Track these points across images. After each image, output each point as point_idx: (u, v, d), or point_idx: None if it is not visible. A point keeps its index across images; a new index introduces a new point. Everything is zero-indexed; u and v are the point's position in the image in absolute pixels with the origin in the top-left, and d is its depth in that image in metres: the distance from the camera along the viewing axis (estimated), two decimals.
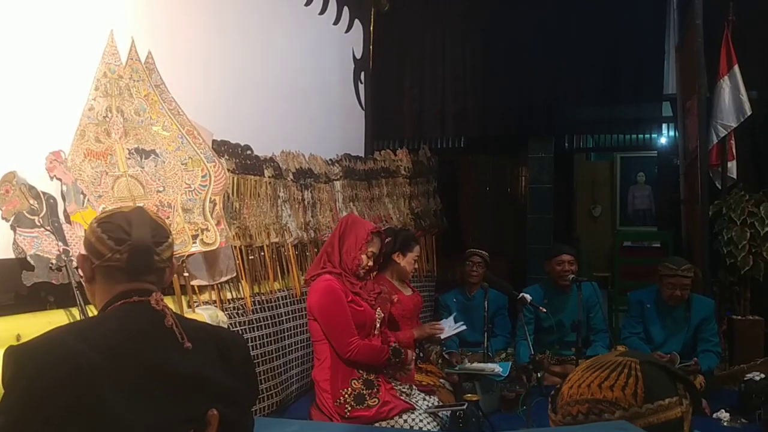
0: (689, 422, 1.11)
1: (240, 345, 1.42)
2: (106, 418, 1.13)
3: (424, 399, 3.04)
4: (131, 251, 1.33)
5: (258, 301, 3.22)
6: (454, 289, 4.52)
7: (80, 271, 1.44)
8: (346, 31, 4.89)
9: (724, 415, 3.25)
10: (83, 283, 1.46)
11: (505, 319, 4.30)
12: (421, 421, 2.87)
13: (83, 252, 1.39)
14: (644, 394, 1.07)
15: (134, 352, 1.20)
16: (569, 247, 4.17)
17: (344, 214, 4.10)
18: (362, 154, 4.86)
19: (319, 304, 2.90)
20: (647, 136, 5.73)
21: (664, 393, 1.08)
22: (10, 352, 1.16)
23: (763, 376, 3.35)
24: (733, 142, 4.43)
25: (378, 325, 3.07)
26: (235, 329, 2.94)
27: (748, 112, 4.33)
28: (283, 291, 3.46)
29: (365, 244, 2.98)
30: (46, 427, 1.10)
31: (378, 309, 3.06)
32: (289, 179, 3.62)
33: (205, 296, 2.89)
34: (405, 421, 2.85)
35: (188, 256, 2.65)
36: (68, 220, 2.31)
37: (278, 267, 3.45)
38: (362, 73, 5.11)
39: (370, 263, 3.05)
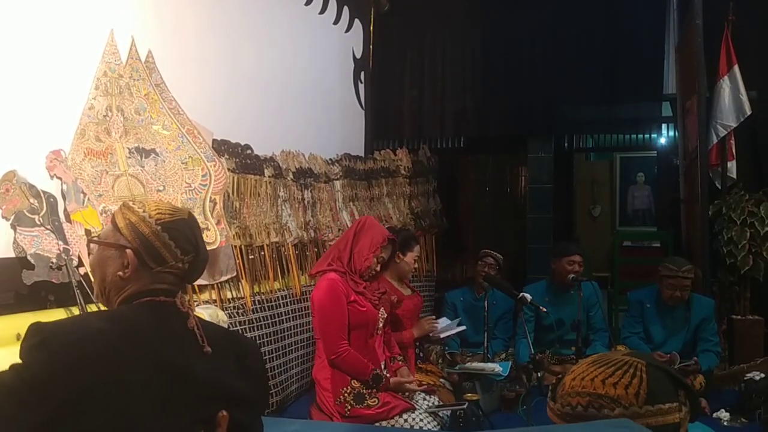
0: (686, 429, 1.12)
1: (256, 352, 1.44)
2: (121, 408, 1.11)
3: (425, 399, 3.04)
4: (194, 263, 1.34)
5: (258, 300, 3.22)
6: (461, 287, 4.51)
7: (111, 263, 1.31)
8: (346, 31, 4.88)
9: (724, 414, 3.26)
10: (99, 272, 1.33)
11: (508, 322, 4.29)
12: (421, 420, 2.87)
13: (128, 244, 1.29)
14: (646, 396, 1.08)
15: (157, 348, 1.20)
16: (580, 248, 4.16)
17: (344, 213, 4.11)
18: (362, 154, 4.86)
19: (319, 301, 2.92)
20: (647, 136, 5.73)
21: (665, 397, 1.10)
22: (36, 327, 1.14)
23: (763, 375, 3.35)
24: (732, 141, 4.44)
25: (381, 325, 3.08)
26: (235, 329, 2.94)
27: (748, 112, 4.33)
28: (283, 290, 3.46)
29: (380, 249, 3.01)
30: (59, 409, 1.07)
31: (381, 309, 3.07)
32: (289, 179, 3.62)
33: (205, 295, 2.89)
34: (405, 420, 2.85)
35: None
36: (68, 219, 2.30)
37: (278, 266, 3.45)
38: (362, 73, 5.11)
39: (378, 268, 3.07)
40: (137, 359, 1.15)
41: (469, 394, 3.06)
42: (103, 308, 1.94)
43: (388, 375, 2.99)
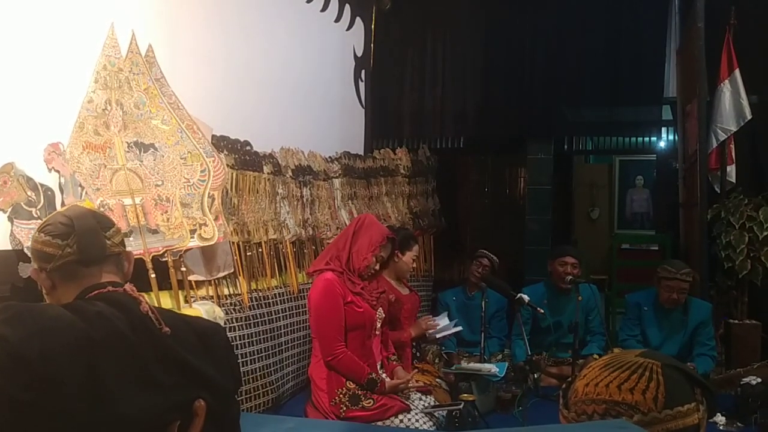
0: (704, 429, 1.07)
1: (219, 333, 1.42)
2: (93, 386, 1.09)
3: (421, 399, 3.03)
4: (80, 239, 1.33)
5: (255, 297, 3.21)
6: (454, 287, 4.51)
7: (41, 288, 1.39)
8: (348, 29, 4.87)
9: (720, 419, 3.25)
10: (45, 297, 1.41)
11: (502, 321, 4.29)
12: (417, 421, 2.87)
13: (34, 266, 1.37)
14: (665, 400, 1.03)
15: (123, 333, 1.18)
16: (575, 251, 4.16)
17: (343, 212, 4.10)
18: (362, 152, 4.85)
19: (315, 301, 2.91)
20: (646, 139, 5.73)
21: (683, 398, 1.05)
22: (5, 304, 1.13)
23: (759, 380, 3.34)
24: (732, 146, 4.43)
25: (378, 326, 3.07)
26: (231, 325, 2.93)
27: (748, 117, 4.33)
28: (280, 288, 3.45)
29: (379, 247, 2.99)
30: (41, 383, 1.05)
31: (379, 309, 3.05)
32: (288, 176, 3.60)
33: (202, 291, 2.88)
34: (401, 421, 2.84)
35: (186, 250, 2.63)
36: None
37: (276, 264, 3.44)
38: (363, 71, 5.10)
39: (377, 267, 3.06)
40: (109, 345, 1.14)
41: (465, 395, 3.05)
42: None
43: (384, 378, 2.98)
